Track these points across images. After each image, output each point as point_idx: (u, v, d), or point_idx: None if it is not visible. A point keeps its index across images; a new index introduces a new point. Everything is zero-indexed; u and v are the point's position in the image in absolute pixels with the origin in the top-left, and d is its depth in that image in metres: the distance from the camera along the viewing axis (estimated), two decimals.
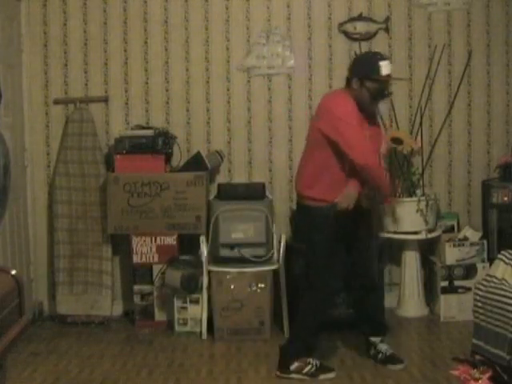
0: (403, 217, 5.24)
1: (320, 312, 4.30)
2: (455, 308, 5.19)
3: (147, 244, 5.19)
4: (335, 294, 4.47)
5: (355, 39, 5.51)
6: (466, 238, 5.26)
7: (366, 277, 4.38)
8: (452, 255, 5.20)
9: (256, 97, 5.54)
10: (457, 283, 5.20)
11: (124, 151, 5.21)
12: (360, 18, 5.51)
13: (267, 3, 5.53)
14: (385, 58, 4.17)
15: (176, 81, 5.54)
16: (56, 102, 5.54)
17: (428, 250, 5.49)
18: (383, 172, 4.36)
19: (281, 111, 5.55)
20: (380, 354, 4.39)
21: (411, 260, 5.36)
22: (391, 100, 5.49)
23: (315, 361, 4.24)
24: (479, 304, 3.39)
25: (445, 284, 5.19)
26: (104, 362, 4.55)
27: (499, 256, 3.48)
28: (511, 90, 5.63)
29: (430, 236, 5.30)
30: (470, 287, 4.89)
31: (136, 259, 5.20)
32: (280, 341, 4.58)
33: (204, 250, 5.01)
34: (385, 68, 4.09)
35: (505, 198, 5.31)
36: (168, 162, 5.33)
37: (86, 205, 5.41)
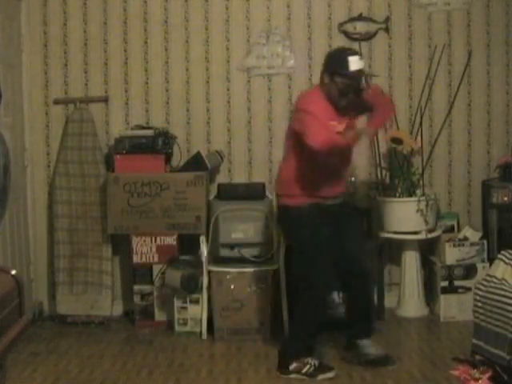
0: (403, 217, 5.24)
1: (316, 310, 4.26)
2: (455, 308, 5.19)
3: (147, 244, 5.19)
4: (328, 289, 4.41)
5: (355, 39, 5.51)
6: (466, 238, 5.26)
7: (355, 269, 4.29)
8: (452, 255, 5.20)
9: (256, 97, 5.54)
10: (457, 283, 5.20)
11: (124, 151, 5.21)
12: (360, 18, 5.51)
13: (267, 3, 5.53)
14: (355, 54, 4.14)
15: (176, 81, 5.54)
16: (56, 102, 5.55)
17: (428, 250, 5.49)
18: (337, 140, 4.08)
19: (281, 111, 5.55)
20: (367, 356, 4.32)
21: (411, 260, 5.36)
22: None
23: (314, 360, 4.23)
24: (479, 304, 3.39)
25: (445, 284, 5.19)
26: (104, 362, 4.54)
27: (499, 256, 3.48)
28: (511, 90, 5.63)
29: (430, 236, 5.30)
30: (470, 287, 4.89)
31: (136, 259, 5.20)
32: (280, 341, 4.58)
33: (204, 250, 5.01)
34: (353, 63, 4.05)
35: (505, 198, 5.31)
36: (168, 162, 5.33)
37: (86, 205, 5.41)
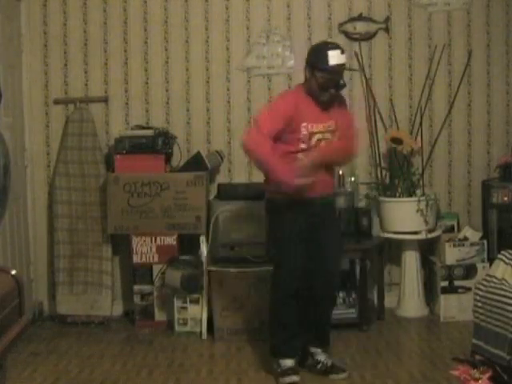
0: (403, 217, 5.25)
1: (282, 306, 4.17)
2: (455, 308, 5.18)
3: (147, 244, 5.19)
4: (295, 284, 4.16)
5: (355, 39, 5.51)
6: (466, 238, 5.26)
7: (324, 281, 4.20)
8: (452, 255, 5.20)
9: (256, 97, 5.54)
10: (457, 283, 5.19)
11: (124, 151, 5.21)
12: (360, 18, 5.51)
13: (267, 3, 5.53)
14: (336, 48, 4.05)
15: (176, 81, 5.55)
16: (56, 102, 5.55)
17: (428, 250, 5.49)
18: (268, 160, 4.01)
19: None
20: (319, 365, 4.24)
21: (411, 260, 5.36)
22: (391, 100, 5.52)
23: (285, 362, 4.16)
24: (479, 304, 3.39)
25: (445, 284, 5.19)
26: (104, 362, 4.54)
27: (499, 256, 3.48)
28: (511, 90, 5.63)
29: (430, 236, 5.30)
30: (470, 287, 4.89)
31: (136, 259, 5.20)
32: None
33: (204, 250, 5.01)
34: (333, 58, 3.98)
35: (505, 198, 5.31)
36: (168, 162, 5.33)
37: (86, 205, 5.41)
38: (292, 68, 5.52)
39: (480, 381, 3.08)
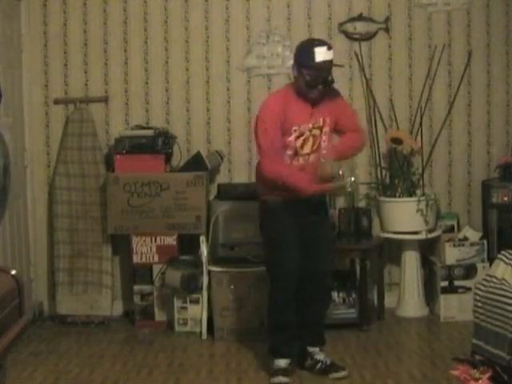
0: (403, 217, 5.25)
1: (278, 306, 4.17)
2: (455, 308, 5.18)
3: (147, 244, 5.19)
4: (289, 286, 4.15)
5: (355, 39, 5.51)
6: (466, 238, 5.26)
7: (317, 280, 4.20)
8: (452, 255, 5.20)
9: (256, 97, 5.53)
10: (457, 283, 5.19)
11: (124, 151, 5.21)
12: (360, 18, 5.51)
13: (267, 3, 5.53)
14: (322, 44, 4.01)
15: (176, 81, 5.54)
16: (56, 102, 5.55)
17: (428, 250, 5.49)
18: (288, 174, 4.05)
19: None
20: (319, 364, 4.24)
21: (411, 260, 5.36)
22: (391, 100, 5.52)
23: (280, 364, 4.17)
24: (479, 304, 3.39)
25: (445, 284, 5.19)
26: (104, 362, 4.54)
27: (499, 256, 3.48)
28: (511, 90, 5.63)
29: (430, 236, 5.30)
30: (470, 287, 4.89)
31: (136, 259, 5.21)
32: None
33: (204, 250, 5.01)
34: (320, 54, 3.94)
35: (505, 198, 5.31)
36: (168, 162, 5.33)
37: (86, 205, 5.41)
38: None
39: (480, 381, 3.08)
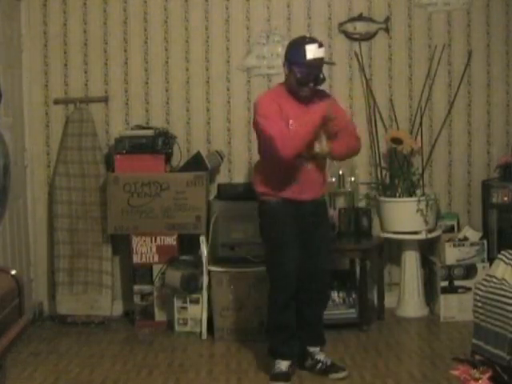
0: (403, 217, 5.25)
1: (278, 307, 4.17)
2: (455, 308, 5.18)
3: (147, 244, 5.19)
4: (289, 286, 4.15)
5: (355, 39, 5.51)
6: (466, 238, 5.26)
7: (315, 280, 4.21)
8: (452, 255, 5.20)
9: (256, 97, 5.50)
10: (457, 283, 5.19)
11: (124, 151, 5.21)
12: (360, 18, 5.51)
13: (267, 3, 5.53)
14: (313, 42, 4.01)
15: (176, 81, 5.54)
16: (56, 102, 5.55)
17: (428, 250, 5.49)
18: (300, 139, 3.98)
19: None
20: (319, 364, 4.24)
21: (411, 260, 5.36)
22: (391, 100, 5.52)
23: (281, 365, 4.16)
24: (479, 304, 3.39)
25: (445, 284, 5.19)
26: (104, 362, 4.54)
27: (499, 256, 3.48)
28: (511, 90, 5.63)
29: (430, 236, 5.30)
30: (470, 287, 4.89)
31: (136, 259, 5.21)
32: None
33: (204, 250, 5.01)
34: (310, 52, 3.94)
35: (505, 198, 5.31)
36: (168, 162, 5.33)
37: (86, 205, 5.41)
38: None
39: (480, 381, 3.08)
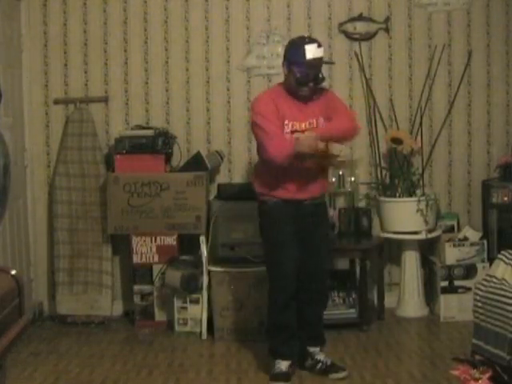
0: (403, 217, 5.24)
1: (277, 307, 4.17)
2: (455, 308, 5.18)
3: (147, 244, 5.19)
4: (288, 286, 4.15)
5: (355, 39, 5.51)
6: (466, 238, 5.26)
7: (315, 280, 4.22)
8: (452, 255, 5.20)
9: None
10: (457, 283, 5.19)
11: (124, 151, 5.21)
12: (360, 18, 5.51)
13: (267, 3, 5.53)
14: (312, 42, 4.01)
15: (176, 81, 5.54)
16: (56, 102, 5.55)
17: (428, 250, 5.49)
18: (291, 145, 3.96)
19: None
20: (319, 364, 4.24)
21: (411, 260, 5.36)
22: (391, 100, 5.52)
23: (281, 365, 4.16)
24: (479, 304, 3.39)
25: (445, 284, 5.19)
26: (104, 362, 4.55)
27: (499, 256, 3.48)
28: (511, 90, 5.63)
29: (430, 236, 5.30)
30: (470, 287, 4.89)
31: (136, 259, 5.20)
32: None
33: (204, 250, 5.01)
34: (310, 52, 3.94)
35: (505, 198, 5.31)
36: (168, 162, 5.33)
37: (86, 205, 5.41)
38: None
39: (480, 381, 3.08)
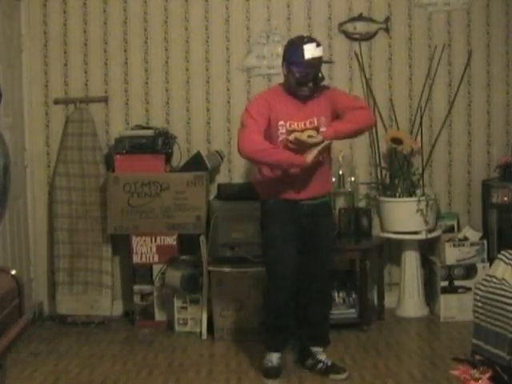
0: (403, 217, 5.24)
1: (275, 304, 4.19)
2: (455, 308, 5.18)
3: (147, 244, 5.19)
4: (288, 286, 4.16)
5: (355, 39, 5.51)
6: (466, 238, 5.26)
7: (316, 280, 4.22)
8: (452, 255, 5.20)
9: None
10: (457, 283, 5.19)
11: (124, 151, 5.21)
12: (360, 18, 5.51)
13: (267, 3, 5.53)
14: (311, 41, 4.00)
15: (176, 81, 5.54)
16: (56, 102, 5.55)
17: (428, 250, 5.49)
18: (270, 152, 3.93)
19: None
20: (320, 364, 4.24)
21: (411, 260, 5.36)
22: (391, 100, 5.52)
23: (273, 360, 4.19)
24: (479, 304, 3.39)
25: (445, 284, 5.19)
26: (104, 362, 4.55)
27: (499, 256, 3.48)
28: (511, 90, 5.63)
29: (430, 236, 5.30)
30: (470, 287, 4.89)
31: (136, 259, 5.21)
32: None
33: (204, 250, 5.01)
34: (309, 51, 3.94)
35: (505, 198, 5.31)
36: (168, 162, 5.33)
37: (86, 205, 5.41)
38: None
39: (480, 381, 3.09)
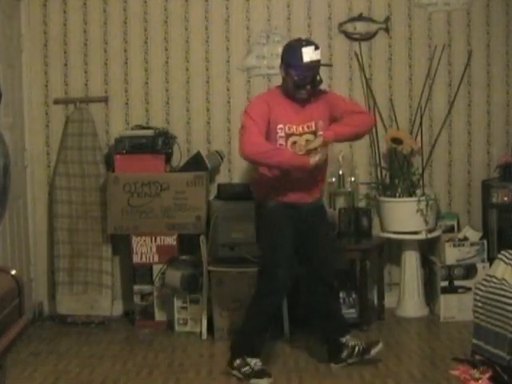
0: (403, 217, 5.24)
1: (265, 308, 4.19)
2: (455, 308, 5.18)
3: (147, 244, 5.19)
4: (282, 288, 4.19)
5: (355, 39, 5.51)
6: (466, 238, 5.26)
7: (321, 276, 4.25)
8: (452, 255, 5.20)
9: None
10: (457, 283, 5.19)
11: (124, 151, 5.21)
12: (360, 18, 5.51)
13: (267, 3, 5.53)
14: (309, 44, 4.00)
15: (176, 81, 5.54)
16: (56, 102, 5.55)
17: (428, 250, 5.49)
18: (272, 154, 3.96)
19: None
20: (357, 348, 4.27)
21: (411, 260, 5.36)
22: (391, 100, 5.52)
23: (256, 363, 4.15)
24: (479, 304, 3.39)
25: (445, 284, 5.19)
26: (104, 362, 4.54)
27: (499, 256, 3.48)
28: (511, 90, 5.63)
29: (430, 236, 5.30)
30: (470, 287, 4.89)
31: (136, 259, 5.21)
32: (279, 341, 4.63)
33: (204, 250, 5.01)
34: (307, 54, 3.94)
35: (505, 198, 5.31)
36: (168, 162, 5.33)
37: (86, 205, 5.41)
38: None
39: (480, 381, 3.09)
